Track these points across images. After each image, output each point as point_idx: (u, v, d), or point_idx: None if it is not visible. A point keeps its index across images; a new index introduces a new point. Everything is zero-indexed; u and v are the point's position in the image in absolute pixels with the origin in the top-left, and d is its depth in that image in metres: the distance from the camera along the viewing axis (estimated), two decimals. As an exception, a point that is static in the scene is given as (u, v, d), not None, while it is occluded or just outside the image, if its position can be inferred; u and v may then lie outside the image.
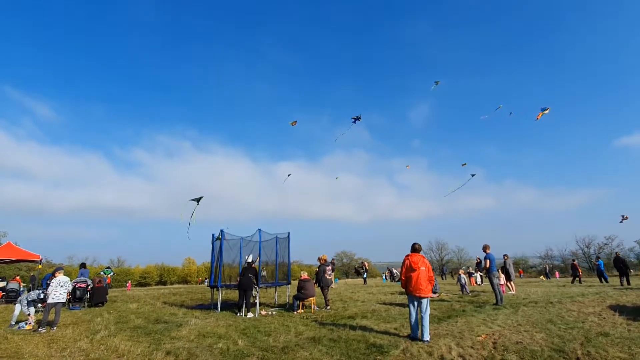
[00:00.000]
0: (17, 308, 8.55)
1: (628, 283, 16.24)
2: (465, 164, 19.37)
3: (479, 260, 20.03)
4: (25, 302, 8.71)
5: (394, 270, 28.66)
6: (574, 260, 22.24)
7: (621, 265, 16.72)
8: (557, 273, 32.87)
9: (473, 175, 15.13)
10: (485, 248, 10.24)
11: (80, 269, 14.29)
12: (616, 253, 19.42)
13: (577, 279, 19.14)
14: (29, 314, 8.55)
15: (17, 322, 8.27)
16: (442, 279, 32.19)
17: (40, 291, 9.05)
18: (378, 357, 4.76)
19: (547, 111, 12.76)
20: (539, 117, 13.07)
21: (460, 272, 14.65)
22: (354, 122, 15.11)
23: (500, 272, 11.49)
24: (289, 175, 19.96)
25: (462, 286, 13.36)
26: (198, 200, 10.97)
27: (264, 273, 18.24)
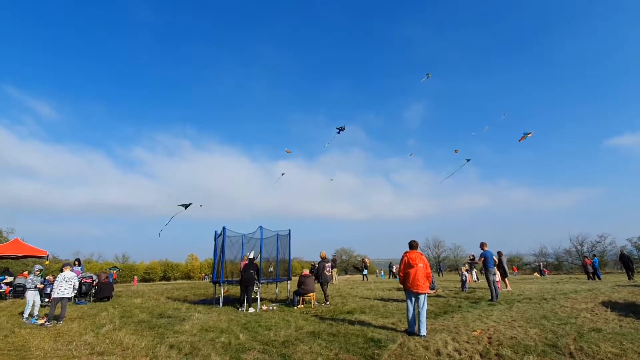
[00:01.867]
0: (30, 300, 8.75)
1: (631, 278, 16.51)
2: (457, 151, 19.25)
3: (472, 257, 20.22)
4: (33, 279, 8.94)
5: (395, 267, 28.84)
6: (585, 258, 22.43)
7: (627, 261, 17.14)
8: (546, 270, 32.94)
9: (468, 160, 15.11)
10: (482, 245, 10.37)
11: (78, 265, 14.46)
12: (621, 250, 19.83)
13: (589, 275, 19.33)
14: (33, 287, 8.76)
15: (30, 315, 8.46)
16: (439, 275, 32.36)
17: (47, 281, 9.24)
18: (376, 351, 4.89)
19: (529, 135, 13.03)
20: (521, 140, 13.35)
21: (462, 270, 14.80)
22: (339, 132, 15.04)
23: (495, 268, 11.62)
24: (282, 174, 19.94)
25: (463, 283, 13.50)
26: (186, 206, 11.33)
27: (271, 269, 18.34)
